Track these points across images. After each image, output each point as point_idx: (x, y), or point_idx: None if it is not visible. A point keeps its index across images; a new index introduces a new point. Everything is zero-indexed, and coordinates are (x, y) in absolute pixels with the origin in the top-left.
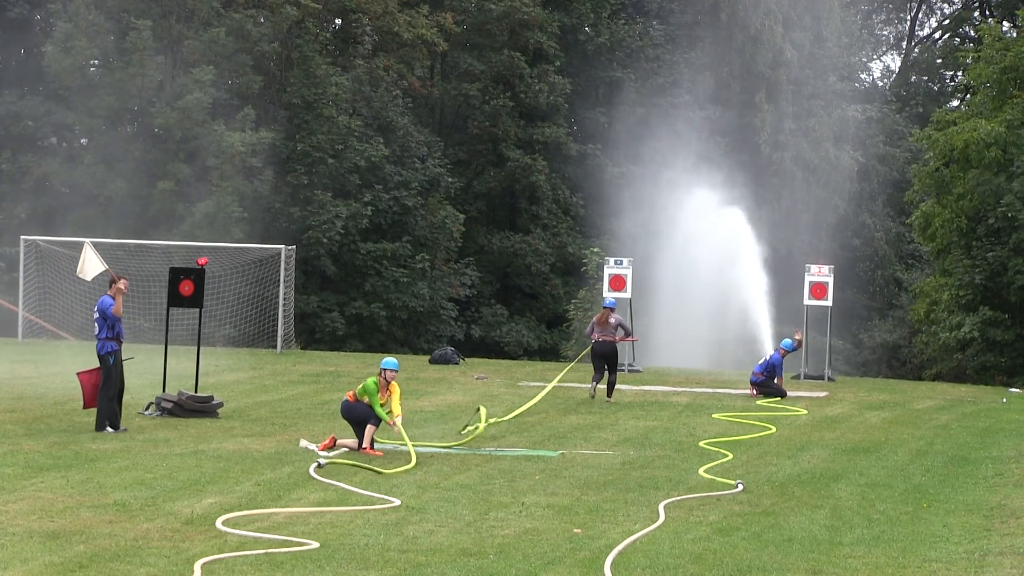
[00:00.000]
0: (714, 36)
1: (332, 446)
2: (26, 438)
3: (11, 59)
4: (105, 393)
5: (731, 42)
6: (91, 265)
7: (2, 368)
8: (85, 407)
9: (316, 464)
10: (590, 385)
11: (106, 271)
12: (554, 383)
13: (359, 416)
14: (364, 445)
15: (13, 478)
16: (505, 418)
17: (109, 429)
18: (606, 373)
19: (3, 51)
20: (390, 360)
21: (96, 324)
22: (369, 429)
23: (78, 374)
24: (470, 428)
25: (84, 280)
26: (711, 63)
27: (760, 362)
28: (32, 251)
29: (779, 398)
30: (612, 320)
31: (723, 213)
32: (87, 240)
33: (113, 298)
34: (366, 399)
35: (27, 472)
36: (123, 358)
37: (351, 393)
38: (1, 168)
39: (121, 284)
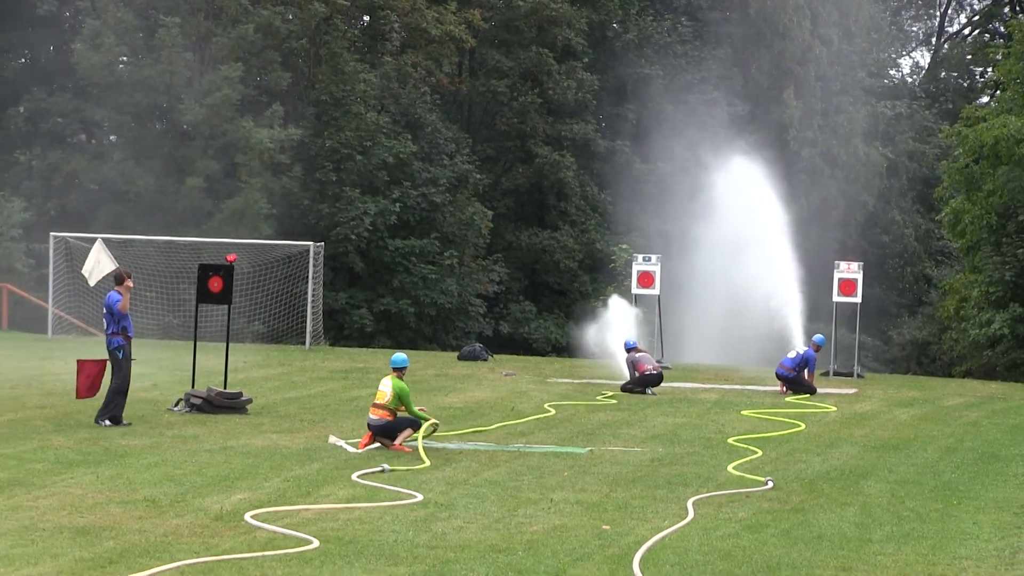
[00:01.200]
0: (742, 32)
1: (370, 443)
2: (56, 434)
3: (40, 56)
4: (114, 386)
5: (759, 38)
6: (101, 265)
7: (32, 364)
8: (77, 397)
9: (381, 469)
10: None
11: (114, 270)
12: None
13: (397, 431)
14: (397, 442)
15: (43, 474)
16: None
17: (106, 423)
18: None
19: (32, 48)
20: (402, 356)
21: (104, 320)
22: (407, 432)
23: (79, 361)
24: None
25: (97, 279)
26: (739, 59)
27: (791, 356)
28: (61, 248)
29: (808, 395)
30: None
31: (753, 209)
32: (99, 237)
33: (120, 295)
34: (401, 407)
35: (57, 468)
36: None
37: (385, 412)
38: (31, 165)
39: (129, 283)
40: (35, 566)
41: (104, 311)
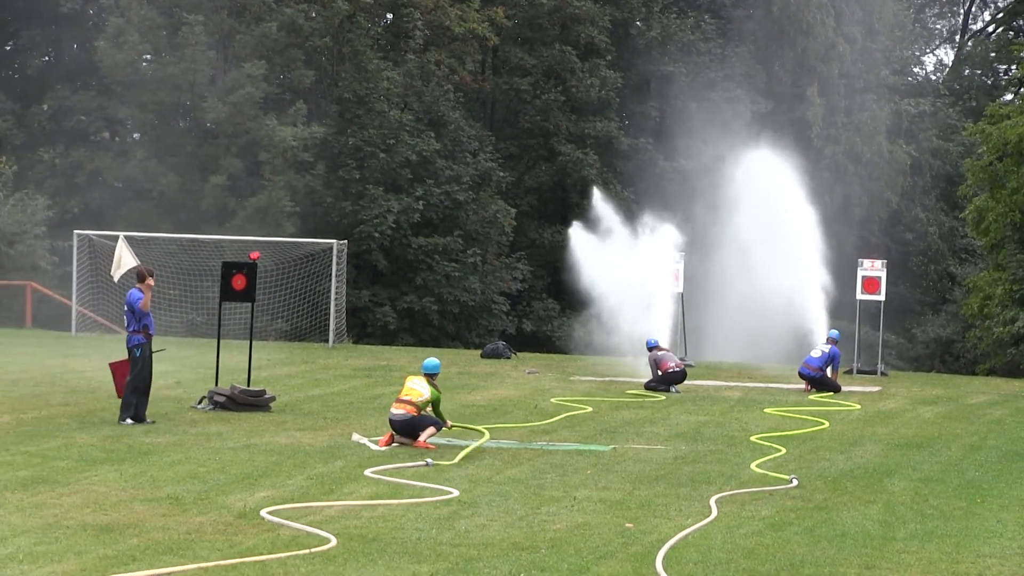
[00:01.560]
0: (766, 30)
1: (391, 442)
2: (79, 431)
3: (64, 54)
4: (131, 385)
5: (783, 36)
6: (123, 261)
7: (56, 362)
8: (120, 396)
9: (425, 463)
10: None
11: (136, 267)
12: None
13: (419, 429)
14: (421, 439)
15: (67, 471)
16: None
17: (128, 421)
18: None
19: (56, 46)
20: (435, 362)
21: (125, 317)
22: (431, 430)
23: (110, 364)
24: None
25: (120, 276)
26: (762, 57)
27: (816, 355)
28: (85, 245)
29: (832, 392)
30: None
31: (776, 207)
32: (122, 234)
33: (142, 292)
34: (429, 409)
35: (80, 465)
36: (153, 350)
37: (412, 408)
38: (54, 163)
39: (150, 281)
40: (59, 563)
41: (125, 309)
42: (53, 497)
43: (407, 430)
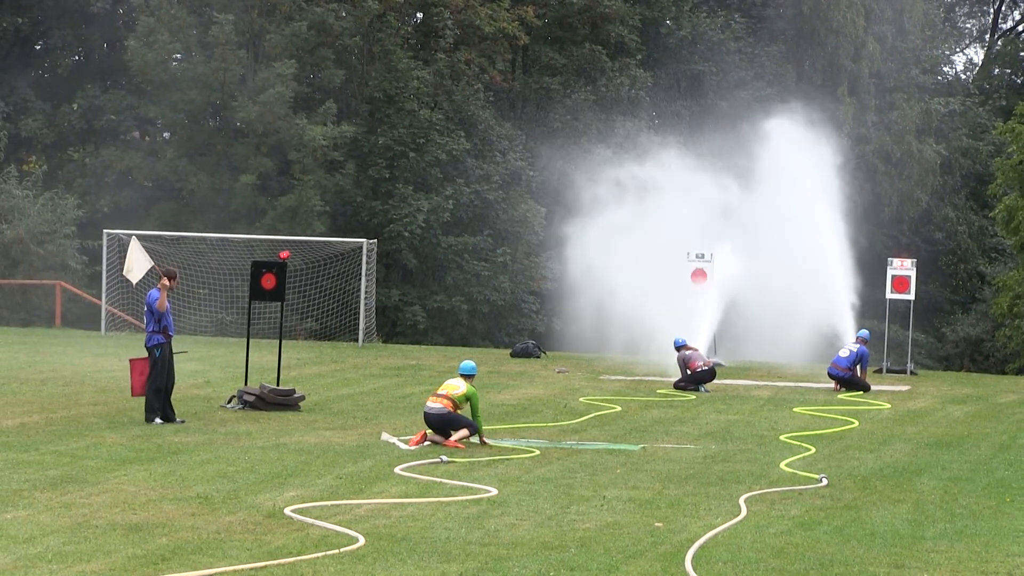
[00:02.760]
0: (796, 29)
1: (422, 441)
2: (109, 431)
3: (94, 53)
4: (151, 385)
5: (813, 35)
6: (138, 264)
7: (86, 361)
8: (133, 395)
9: (440, 459)
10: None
11: (153, 268)
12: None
13: (453, 427)
14: (453, 439)
15: (96, 471)
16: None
17: (158, 421)
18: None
19: (86, 45)
20: (472, 364)
21: (145, 317)
22: (464, 432)
23: (130, 360)
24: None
25: (138, 277)
26: (792, 56)
27: (844, 355)
28: (115, 245)
29: (862, 391)
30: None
31: (806, 206)
32: (134, 235)
33: (160, 292)
34: (466, 408)
35: (110, 465)
36: (175, 351)
37: (448, 402)
38: (84, 162)
39: (166, 281)
40: (88, 563)
41: (145, 308)
42: (82, 496)
43: (441, 425)
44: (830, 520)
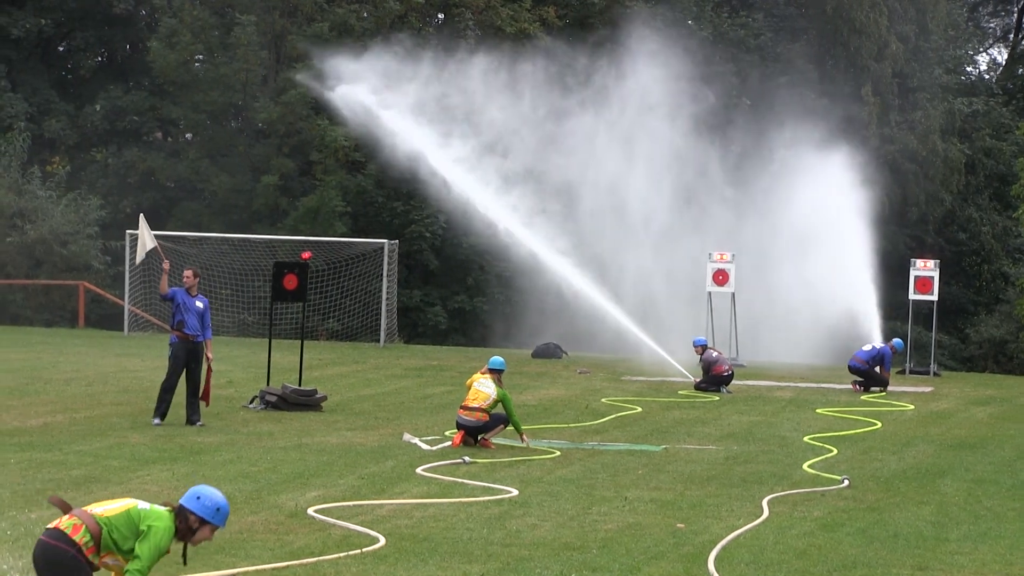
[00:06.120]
0: (818, 28)
1: (463, 441)
2: (132, 431)
3: (117, 54)
4: (163, 384)
5: (836, 35)
6: (145, 242)
7: (108, 362)
8: (201, 398)
9: (462, 460)
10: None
11: (155, 250)
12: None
13: (490, 431)
14: (486, 436)
15: (119, 471)
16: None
17: (156, 421)
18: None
19: (108, 46)
20: (501, 359)
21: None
22: (498, 428)
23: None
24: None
25: (140, 258)
26: (815, 55)
27: (866, 349)
28: (137, 246)
29: (881, 388)
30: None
31: (829, 206)
32: (141, 215)
33: (185, 287)
34: (499, 407)
35: (133, 465)
36: (205, 354)
37: (483, 415)
38: (107, 163)
39: (165, 265)
40: None
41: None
42: (105, 496)
43: (475, 434)
44: (853, 522)
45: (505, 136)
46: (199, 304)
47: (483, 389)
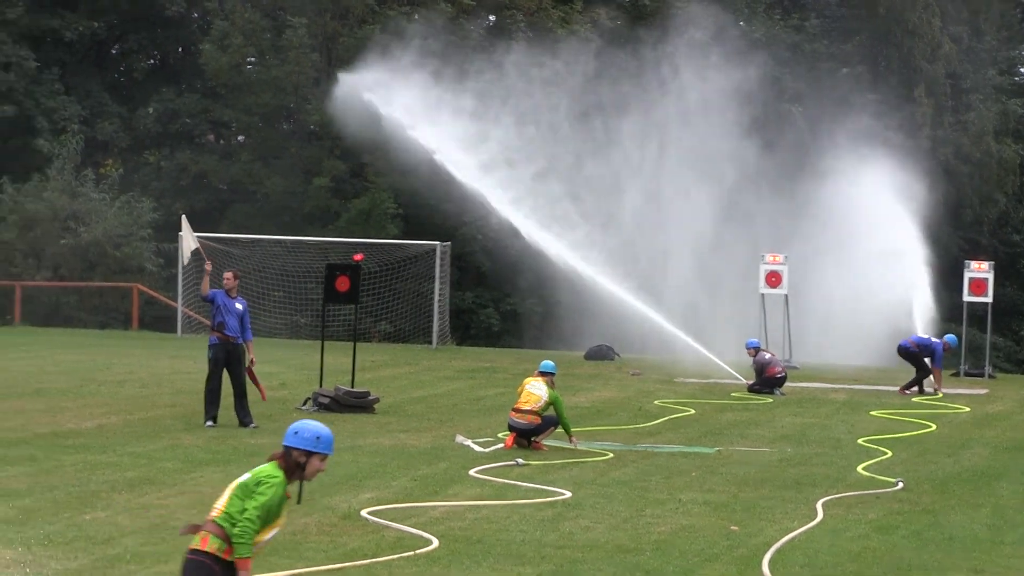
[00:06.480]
0: (871, 30)
1: (515, 443)
2: (185, 433)
3: (169, 57)
4: (205, 386)
5: (888, 36)
6: (185, 243)
7: (162, 363)
8: (264, 399)
9: (515, 462)
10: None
11: (198, 250)
12: None
13: (542, 432)
14: (537, 439)
15: (173, 472)
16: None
17: (209, 423)
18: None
19: (161, 49)
20: (551, 363)
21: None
22: (549, 430)
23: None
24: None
25: (187, 258)
26: (867, 57)
27: (920, 336)
28: (181, 247)
29: (935, 390)
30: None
31: (883, 207)
32: (183, 215)
33: (225, 289)
34: (550, 410)
35: (186, 466)
36: (251, 356)
37: (535, 417)
38: (160, 165)
39: (207, 266)
40: (165, 564)
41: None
42: (159, 498)
43: (528, 434)
44: (908, 524)
45: (551, 140)
46: (239, 306)
47: (535, 392)
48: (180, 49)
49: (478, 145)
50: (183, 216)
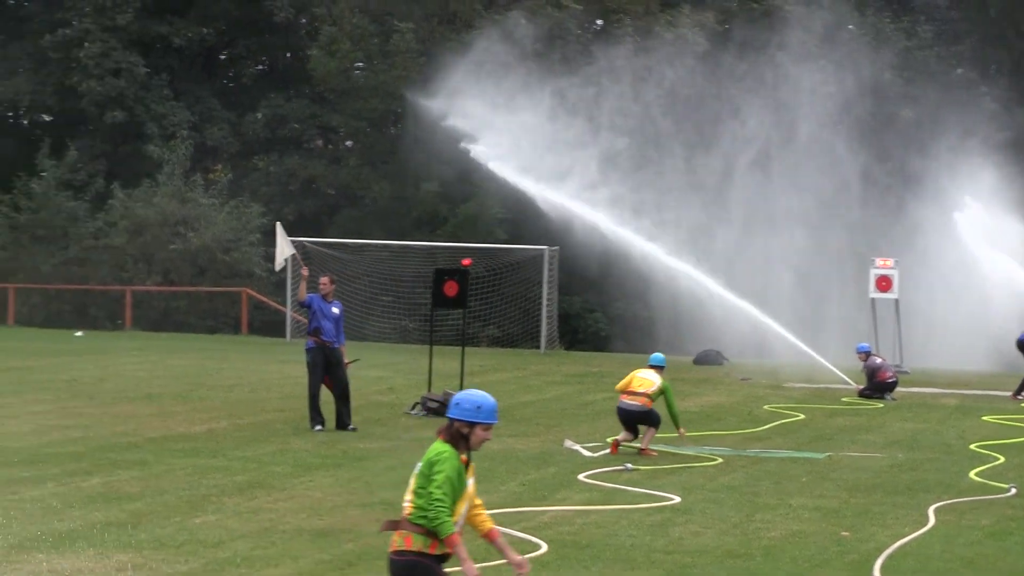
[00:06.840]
0: (981, 32)
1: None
2: (295, 437)
3: (277, 62)
4: (309, 390)
5: (1000, 39)
6: (280, 250)
7: (271, 368)
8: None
9: (624, 467)
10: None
11: (293, 255)
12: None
13: (645, 422)
14: (643, 445)
15: (283, 477)
16: None
17: (318, 428)
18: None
19: (269, 55)
20: (662, 355)
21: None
22: (651, 432)
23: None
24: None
25: (280, 265)
26: (979, 60)
27: None
28: (299, 252)
29: None
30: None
31: (999, 212)
32: (278, 223)
33: (321, 294)
34: (659, 399)
35: (296, 471)
36: (348, 360)
37: (647, 400)
38: (268, 170)
39: (304, 271)
40: (275, 567)
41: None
42: (269, 502)
43: (633, 421)
44: (1021, 531)
45: (655, 144)
46: (335, 310)
47: (646, 376)
48: (288, 55)
49: (579, 150)
50: (278, 223)
